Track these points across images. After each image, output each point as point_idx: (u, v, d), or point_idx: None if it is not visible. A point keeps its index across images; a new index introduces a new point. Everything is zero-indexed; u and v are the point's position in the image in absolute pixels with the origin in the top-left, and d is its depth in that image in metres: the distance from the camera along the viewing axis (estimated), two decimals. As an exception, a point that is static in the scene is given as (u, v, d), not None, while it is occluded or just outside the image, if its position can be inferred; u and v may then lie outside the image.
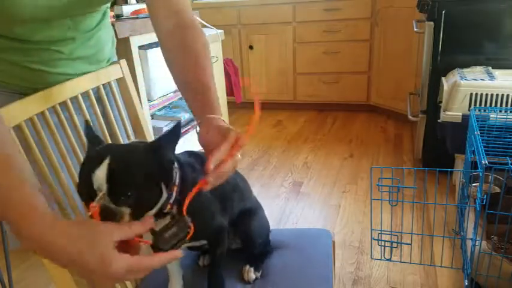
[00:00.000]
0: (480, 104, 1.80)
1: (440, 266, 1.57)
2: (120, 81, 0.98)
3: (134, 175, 0.58)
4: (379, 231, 1.48)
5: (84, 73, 0.85)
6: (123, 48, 1.71)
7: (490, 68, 2.00)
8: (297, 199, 2.22)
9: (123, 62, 0.99)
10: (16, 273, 1.75)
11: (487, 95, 1.79)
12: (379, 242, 1.48)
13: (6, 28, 0.66)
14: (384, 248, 1.50)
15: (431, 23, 2.11)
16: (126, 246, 0.55)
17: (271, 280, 0.88)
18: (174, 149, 0.64)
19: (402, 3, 2.89)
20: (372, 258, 1.66)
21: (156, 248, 0.59)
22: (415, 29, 2.30)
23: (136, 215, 0.59)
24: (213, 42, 2.33)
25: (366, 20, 3.24)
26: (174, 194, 0.67)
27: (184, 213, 0.63)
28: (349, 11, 3.25)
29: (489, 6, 2.03)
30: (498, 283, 1.30)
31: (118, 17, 1.82)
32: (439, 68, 2.15)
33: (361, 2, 3.20)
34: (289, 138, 3.10)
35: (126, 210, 0.57)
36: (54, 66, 0.74)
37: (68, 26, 0.76)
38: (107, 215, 0.55)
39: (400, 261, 1.61)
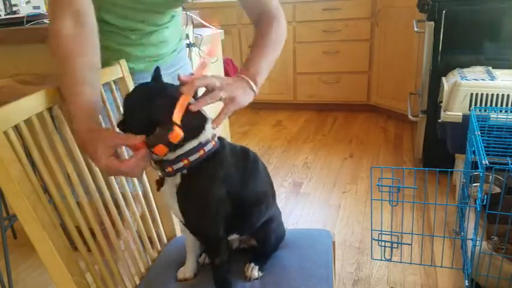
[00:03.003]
0: (480, 104, 1.80)
1: (441, 266, 1.57)
2: (120, 81, 0.98)
3: (131, 104, 0.77)
4: (379, 232, 1.48)
5: (148, 56, 1.08)
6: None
7: (490, 68, 2.00)
8: (297, 199, 2.22)
9: (123, 62, 0.99)
10: (16, 273, 1.75)
11: (487, 95, 1.78)
12: (380, 242, 1.47)
13: (96, 13, 0.88)
14: (384, 248, 1.50)
15: (432, 22, 2.11)
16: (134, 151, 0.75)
17: (271, 280, 0.87)
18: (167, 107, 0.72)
19: (402, 3, 2.89)
20: (372, 259, 1.65)
21: (149, 149, 0.74)
22: (416, 29, 2.30)
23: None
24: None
25: (366, 19, 3.24)
26: (198, 155, 0.76)
27: (176, 121, 0.72)
28: (349, 11, 3.25)
29: (489, 6, 2.03)
30: (498, 283, 1.30)
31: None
32: (440, 68, 2.15)
33: (361, 2, 3.20)
34: (289, 138, 3.10)
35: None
36: (124, 46, 1.01)
37: (142, 20, 1.00)
38: None
39: (401, 262, 1.61)
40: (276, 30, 0.97)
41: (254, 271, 0.88)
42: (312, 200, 2.19)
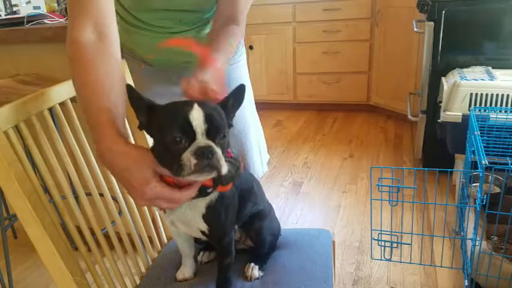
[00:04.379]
0: (480, 104, 1.80)
1: (441, 266, 1.57)
2: (120, 81, 0.98)
3: (223, 118, 0.63)
4: (379, 231, 1.48)
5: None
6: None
7: (490, 68, 2.00)
8: (297, 199, 2.22)
9: (124, 62, 0.99)
10: (16, 273, 1.75)
11: (487, 95, 1.79)
12: (379, 242, 1.47)
13: (137, 14, 0.97)
14: (384, 248, 1.50)
15: (432, 23, 2.11)
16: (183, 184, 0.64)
17: (271, 280, 0.87)
18: (235, 111, 0.70)
19: (402, 3, 2.89)
20: (372, 258, 1.65)
21: (215, 183, 0.66)
22: (415, 29, 2.30)
23: None
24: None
25: (366, 20, 3.24)
26: None
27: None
28: (349, 11, 3.25)
29: (489, 6, 2.03)
30: (498, 283, 1.30)
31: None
32: (439, 68, 2.15)
33: (361, 2, 3.20)
34: (289, 138, 3.10)
35: (220, 152, 0.60)
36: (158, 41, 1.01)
37: (179, 19, 1.02)
38: (209, 153, 0.58)
39: (400, 262, 1.61)
40: (239, 33, 0.96)
41: (254, 271, 0.88)
42: (312, 200, 2.19)
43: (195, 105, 0.60)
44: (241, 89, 0.69)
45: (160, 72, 1.13)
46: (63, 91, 0.83)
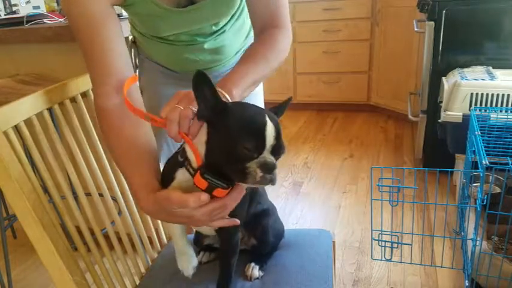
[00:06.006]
0: (481, 104, 1.80)
1: (441, 267, 1.57)
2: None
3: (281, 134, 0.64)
4: (380, 232, 1.48)
5: (211, 60, 1.06)
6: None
7: (490, 67, 2.00)
8: (297, 199, 2.22)
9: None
10: (16, 273, 1.75)
11: (487, 95, 1.78)
12: (380, 242, 1.47)
13: (156, 34, 0.99)
14: (384, 249, 1.50)
15: (432, 22, 2.11)
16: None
17: (271, 280, 0.87)
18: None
19: (402, 3, 2.89)
20: (372, 259, 1.65)
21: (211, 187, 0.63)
22: (416, 29, 2.30)
23: None
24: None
25: (366, 19, 3.23)
26: None
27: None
28: (349, 11, 3.25)
29: (490, 5, 2.03)
30: (499, 283, 1.30)
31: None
32: (440, 68, 2.15)
33: (361, 2, 3.20)
34: (289, 138, 3.10)
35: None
36: (187, 53, 1.02)
37: (196, 33, 0.99)
38: (272, 169, 0.63)
39: (401, 262, 1.60)
40: (283, 40, 0.89)
41: (254, 270, 0.88)
42: (312, 200, 2.19)
43: (268, 120, 0.62)
44: (288, 101, 0.73)
45: (181, 76, 1.10)
46: (62, 91, 0.83)
